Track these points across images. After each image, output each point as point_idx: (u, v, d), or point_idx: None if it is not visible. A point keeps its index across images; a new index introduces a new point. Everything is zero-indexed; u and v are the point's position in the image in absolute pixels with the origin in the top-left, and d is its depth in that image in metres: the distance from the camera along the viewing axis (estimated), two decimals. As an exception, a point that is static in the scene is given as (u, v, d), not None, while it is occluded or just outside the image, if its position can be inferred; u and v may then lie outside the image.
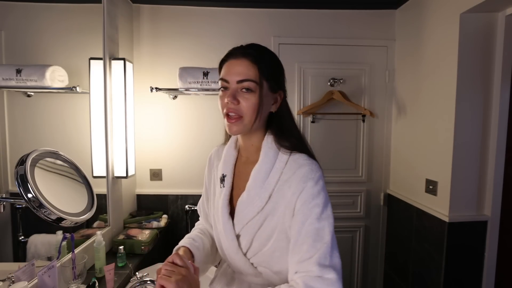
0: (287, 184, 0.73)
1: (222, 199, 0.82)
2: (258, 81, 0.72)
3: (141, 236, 1.63)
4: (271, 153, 0.77)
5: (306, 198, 0.70)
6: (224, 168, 0.85)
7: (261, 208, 0.75)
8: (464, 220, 1.56)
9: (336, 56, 2.08)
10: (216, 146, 0.96)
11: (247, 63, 0.72)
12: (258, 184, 0.76)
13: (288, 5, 2.01)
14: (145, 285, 1.24)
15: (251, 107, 0.73)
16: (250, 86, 0.72)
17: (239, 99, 0.73)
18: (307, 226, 0.69)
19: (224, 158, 0.86)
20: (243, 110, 0.73)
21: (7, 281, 0.98)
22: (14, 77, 1.10)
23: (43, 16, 1.24)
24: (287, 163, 0.75)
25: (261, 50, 0.76)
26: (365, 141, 2.14)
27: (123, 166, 1.70)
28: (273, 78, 0.76)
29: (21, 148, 1.08)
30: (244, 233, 0.77)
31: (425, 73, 1.77)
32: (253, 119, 0.74)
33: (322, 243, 0.67)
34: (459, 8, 1.48)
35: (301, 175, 0.72)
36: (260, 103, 0.73)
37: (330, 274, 0.65)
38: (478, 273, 1.59)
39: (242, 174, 0.83)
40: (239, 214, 0.78)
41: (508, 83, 1.50)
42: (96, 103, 1.55)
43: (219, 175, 0.85)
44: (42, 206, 1.02)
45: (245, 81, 0.72)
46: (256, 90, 0.72)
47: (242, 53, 0.74)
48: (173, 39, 2.00)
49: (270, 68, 0.75)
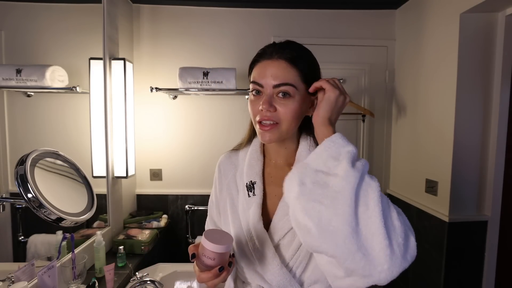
0: None
1: (253, 208, 0.71)
2: (297, 85, 0.64)
3: (141, 236, 1.63)
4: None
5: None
6: (251, 175, 0.75)
7: None
8: (464, 220, 1.56)
9: (336, 56, 2.07)
10: (224, 153, 0.85)
11: (285, 64, 0.64)
12: None
13: (288, 5, 2.00)
14: (145, 285, 1.25)
15: (290, 113, 0.64)
16: (288, 91, 0.64)
17: (276, 105, 0.64)
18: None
19: (249, 163, 0.76)
20: (280, 117, 0.65)
21: (7, 281, 0.97)
22: (14, 77, 1.10)
23: (43, 16, 1.24)
24: None
25: (299, 49, 0.68)
26: (365, 141, 2.14)
27: (123, 166, 1.70)
28: (312, 80, 0.67)
29: (21, 148, 1.08)
30: (285, 241, 0.69)
31: (425, 73, 1.77)
32: (291, 127, 0.67)
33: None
34: (459, 8, 1.48)
35: None
36: (299, 109, 0.65)
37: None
38: (478, 273, 1.59)
39: (276, 179, 0.74)
40: (280, 222, 0.69)
41: (508, 83, 1.50)
42: (96, 103, 1.55)
43: (245, 183, 0.75)
44: (42, 206, 1.02)
45: (282, 85, 0.63)
46: (295, 95, 0.64)
47: (278, 53, 0.65)
48: (173, 39, 2.00)
49: (308, 69, 0.66)
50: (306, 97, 0.67)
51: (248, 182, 0.74)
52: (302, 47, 0.70)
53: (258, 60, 0.68)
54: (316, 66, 0.70)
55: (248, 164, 0.76)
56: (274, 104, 0.64)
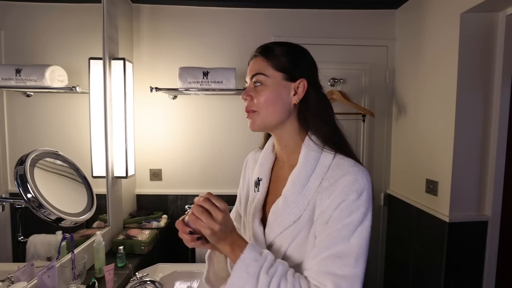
0: (327, 192, 0.65)
1: (255, 204, 0.76)
2: (267, 73, 0.70)
3: (141, 236, 1.63)
4: (311, 156, 0.70)
5: (343, 212, 0.62)
6: (260, 172, 0.79)
7: (298, 217, 0.67)
8: (464, 220, 1.56)
9: (336, 56, 2.07)
10: (253, 150, 0.91)
11: (259, 59, 0.72)
12: (297, 190, 0.68)
13: (288, 5, 2.00)
14: (145, 285, 1.24)
15: (263, 100, 0.69)
16: (259, 79, 0.70)
17: (252, 94, 0.71)
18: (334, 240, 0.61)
19: (261, 161, 0.81)
20: (257, 104, 0.70)
21: (7, 281, 0.97)
22: (14, 77, 1.09)
23: (42, 16, 1.24)
24: (330, 168, 0.68)
25: (274, 45, 0.73)
26: (365, 141, 2.14)
27: (123, 166, 1.69)
28: (288, 67, 0.70)
29: (20, 148, 1.08)
30: (275, 245, 0.70)
31: (425, 73, 1.76)
32: (268, 113, 0.70)
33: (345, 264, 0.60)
34: (459, 8, 1.48)
35: (343, 184, 0.63)
36: (272, 96, 0.69)
37: None
38: (478, 273, 1.59)
39: (279, 179, 0.77)
40: (273, 223, 0.70)
41: (508, 83, 1.50)
42: (96, 103, 1.55)
43: (254, 179, 0.80)
44: (41, 206, 1.02)
45: (254, 75, 0.71)
46: (266, 82, 0.70)
47: (256, 53, 0.73)
48: (173, 39, 2.00)
49: (282, 58, 0.70)
50: (282, 84, 0.70)
51: (256, 178, 0.79)
52: (280, 43, 0.74)
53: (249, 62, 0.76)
54: (293, 54, 0.72)
55: (260, 162, 0.81)
56: (250, 93, 0.71)
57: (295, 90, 0.71)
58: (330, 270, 0.60)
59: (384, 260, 2.22)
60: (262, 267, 0.60)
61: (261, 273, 0.60)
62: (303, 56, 0.74)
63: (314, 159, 0.69)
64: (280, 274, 0.60)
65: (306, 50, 0.75)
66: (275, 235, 0.70)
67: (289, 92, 0.71)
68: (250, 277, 0.59)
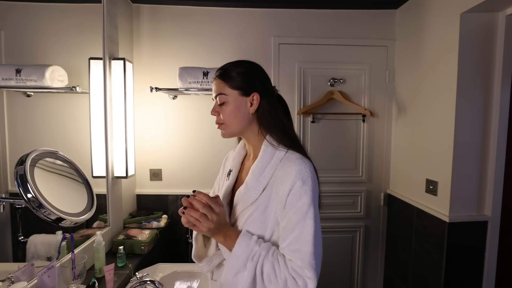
0: (280, 180, 0.81)
1: (224, 189, 0.94)
2: (225, 93, 0.86)
3: (141, 236, 1.63)
4: (268, 151, 0.86)
5: (294, 197, 0.78)
6: (232, 164, 0.98)
7: (255, 199, 0.83)
8: (464, 220, 1.56)
9: (336, 56, 2.07)
10: (232, 149, 1.06)
11: (217, 81, 0.88)
12: (255, 177, 0.84)
13: (288, 5, 2.00)
14: (145, 285, 1.24)
15: (226, 115, 0.87)
16: (221, 99, 0.86)
17: (218, 110, 0.88)
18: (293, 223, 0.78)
19: (234, 156, 0.99)
20: (223, 118, 0.87)
21: (7, 281, 0.97)
22: (14, 77, 1.09)
23: (42, 16, 1.24)
24: (282, 161, 0.84)
25: (230, 67, 0.88)
26: (365, 141, 2.14)
27: (123, 166, 1.69)
28: (241, 85, 0.86)
29: (20, 148, 1.08)
30: (237, 221, 0.87)
31: (425, 73, 1.77)
32: (233, 124, 0.87)
33: (307, 240, 0.76)
34: (459, 8, 1.48)
35: (292, 174, 0.79)
36: (233, 110, 0.86)
37: (309, 270, 0.75)
38: (478, 273, 1.59)
39: (245, 169, 0.94)
40: (238, 204, 0.87)
41: (508, 83, 1.50)
42: (96, 103, 1.55)
43: (227, 171, 0.98)
44: (41, 206, 1.02)
45: (217, 95, 0.87)
46: (227, 100, 0.86)
47: (216, 74, 0.89)
48: (173, 39, 2.00)
49: (236, 78, 0.86)
50: (239, 99, 0.86)
51: (228, 170, 0.98)
52: (233, 64, 0.89)
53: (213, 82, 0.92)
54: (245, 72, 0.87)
55: (233, 157, 0.99)
56: (216, 110, 0.88)
57: (251, 102, 0.87)
58: (297, 248, 0.76)
59: (384, 260, 2.22)
60: (249, 256, 0.77)
61: (248, 261, 0.77)
62: (254, 73, 0.89)
63: (270, 154, 0.85)
64: (262, 257, 0.77)
65: (257, 66, 0.91)
66: (238, 213, 0.87)
67: (246, 104, 0.87)
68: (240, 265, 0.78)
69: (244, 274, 0.78)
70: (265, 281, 0.77)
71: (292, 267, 0.76)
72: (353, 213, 2.17)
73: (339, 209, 2.14)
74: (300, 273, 0.75)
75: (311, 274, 0.74)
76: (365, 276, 2.24)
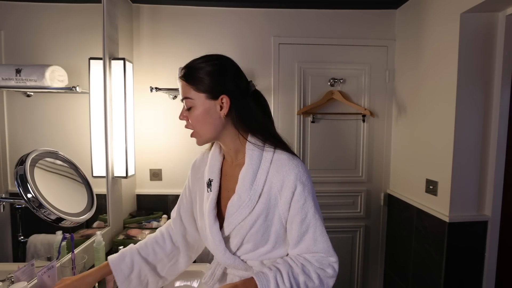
0: (277, 187, 0.78)
1: (209, 203, 0.84)
2: (191, 97, 0.77)
3: (141, 236, 1.63)
4: (255, 154, 0.80)
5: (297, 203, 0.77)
6: (210, 173, 0.87)
7: (252, 209, 0.78)
8: (464, 220, 1.56)
9: (336, 56, 2.07)
10: (200, 153, 0.98)
11: (183, 83, 0.79)
12: (247, 186, 0.79)
13: (288, 5, 2.00)
14: (145, 285, 1.24)
15: (195, 120, 0.79)
16: (188, 103, 0.78)
17: (186, 115, 0.80)
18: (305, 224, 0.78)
19: (210, 163, 0.89)
20: (192, 124, 0.80)
21: (7, 281, 0.97)
22: (14, 77, 1.09)
23: (42, 16, 1.24)
24: (272, 162, 0.79)
25: (194, 66, 0.78)
26: (365, 141, 2.14)
27: (123, 166, 1.69)
28: (208, 87, 0.77)
29: (20, 148, 1.08)
30: (234, 234, 0.82)
31: (425, 73, 1.76)
32: (204, 130, 0.79)
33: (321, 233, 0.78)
34: (459, 8, 1.48)
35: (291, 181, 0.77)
36: (201, 115, 0.78)
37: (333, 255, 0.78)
38: (478, 273, 1.59)
39: (229, 177, 0.86)
40: (230, 217, 0.81)
41: (508, 83, 1.50)
42: (96, 103, 1.55)
43: (206, 180, 0.88)
44: (41, 206, 1.02)
45: (183, 99, 0.79)
46: (194, 105, 0.78)
47: (180, 76, 0.80)
48: (173, 39, 2.00)
49: (201, 80, 0.77)
50: (206, 103, 0.77)
51: (207, 179, 0.87)
52: (198, 63, 0.79)
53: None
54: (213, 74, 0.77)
55: (209, 164, 0.89)
56: (185, 114, 0.80)
57: (220, 105, 0.78)
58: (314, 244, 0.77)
59: (384, 260, 2.22)
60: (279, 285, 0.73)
61: None
62: (222, 72, 0.79)
63: (257, 157, 0.80)
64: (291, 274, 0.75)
65: (227, 63, 0.81)
66: (233, 226, 0.81)
67: (215, 108, 0.78)
68: None
69: None
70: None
71: (318, 260, 0.77)
72: (353, 213, 2.17)
73: (339, 209, 2.14)
74: (325, 262, 0.78)
75: (334, 258, 0.78)
76: (365, 276, 2.24)
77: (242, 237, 0.80)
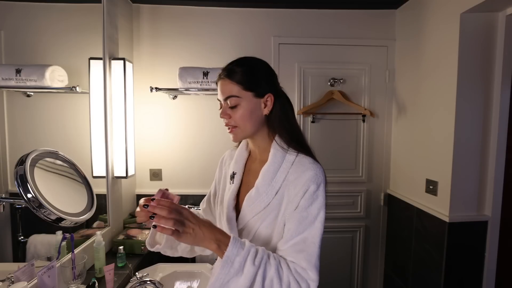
0: (293, 184, 0.80)
1: (229, 194, 0.89)
2: (239, 95, 0.81)
3: (141, 236, 1.63)
4: (278, 154, 0.84)
5: (307, 201, 0.78)
6: (235, 167, 0.93)
7: (267, 204, 0.81)
8: (464, 220, 1.56)
9: (336, 56, 2.07)
10: (229, 149, 1.04)
11: (229, 81, 0.82)
12: (267, 182, 0.82)
13: (288, 5, 2.00)
14: (145, 285, 1.25)
15: (240, 118, 0.82)
16: (234, 101, 0.81)
17: (229, 113, 0.83)
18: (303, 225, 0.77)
19: (236, 158, 0.95)
20: (235, 121, 0.83)
21: (7, 281, 0.97)
22: (14, 77, 1.09)
23: (42, 16, 1.24)
24: (293, 164, 0.82)
25: (241, 66, 0.83)
26: (365, 141, 2.14)
27: (123, 166, 1.69)
28: (256, 86, 0.82)
29: (20, 148, 1.08)
30: (247, 227, 0.84)
31: (425, 73, 1.77)
32: (247, 127, 0.83)
33: (313, 243, 0.75)
34: (459, 8, 1.48)
35: (306, 178, 0.78)
36: (247, 113, 0.82)
37: (313, 272, 0.73)
38: (478, 273, 1.59)
39: (252, 172, 0.90)
40: (246, 209, 0.84)
41: (508, 83, 1.50)
42: (96, 103, 1.55)
43: (230, 173, 0.93)
44: (41, 206, 1.02)
45: (228, 97, 0.82)
46: (240, 103, 0.81)
47: (224, 73, 0.83)
48: (173, 39, 2.00)
49: (250, 79, 0.82)
50: (253, 101, 0.82)
51: (231, 172, 0.93)
52: (244, 63, 0.84)
53: (217, 82, 0.87)
54: (259, 73, 0.84)
55: (235, 158, 0.95)
56: (227, 112, 0.83)
57: (265, 103, 0.84)
58: (302, 249, 0.75)
59: (384, 260, 2.22)
60: (247, 259, 0.70)
61: (247, 264, 0.70)
62: (267, 72, 0.87)
63: (281, 157, 0.84)
64: (265, 261, 0.72)
65: (266, 64, 0.88)
66: (248, 219, 0.83)
67: (260, 106, 0.84)
68: (236, 271, 0.70)
69: (239, 280, 0.70)
70: (266, 286, 0.71)
71: (296, 270, 0.73)
72: (353, 213, 2.17)
73: (339, 209, 2.14)
74: (304, 276, 0.73)
75: (315, 276, 0.73)
76: (365, 276, 2.24)
77: (255, 230, 0.83)
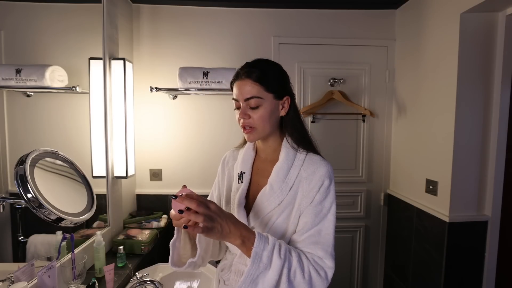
0: (307, 180, 0.84)
1: (239, 193, 0.90)
2: (261, 96, 0.82)
3: (141, 236, 1.63)
4: (290, 153, 0.87)
5: (322, 195, 0.82)
6: (242, 166, 0.93)
7: (281, 201, 0.84)
8: (464, 220, 1.56)
9: (336, 56, 2.07)
10: (230, 149, 1.04)
11: (251, 82, 0.82)
12: (281, 179, 0.85)
13: (288, 5, 2.00)
14: (145, 285, 1.25)
15: (260, 119, 0.83)
16: (255, 102, 0.82)
17: (249, 113, 0.84)
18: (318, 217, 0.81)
19: (243, 158, 0.95)
20: (255, 122, 0.84)
21: (7, 281, 0.97)
22: (14, 77, 1.09)
23: (42, 16, 1.24)
24: (305, 162, 0.86)
25: (262, 67, 0.84)
26: (365, 141, 2.14)
27: (123, 166, 1.69)
28: (276, 88, 0.84)
29: (20, 148, 1.08)
30: (258, 225, 0.85)
31: (425, 73, 1.77)
32: (265, 128, 0.85)
33: (328, 233, 0.80)
34: (459, 8, 1.48)
35: (320, 174, 0.83)
36: (267, 114, 0.84)
37: (330, 260, 0.78)
38: (478, 273, 1.59)
39: (261, 171, 0.92)
40: (259, 206, 0.86)
41: (508, 83, 1.50)
42: (96, 103, 1.55)
43: (237, 173, 0.94)
44: (41, 206, 1.02)
45: (250, 98, 0.82)
46: (262, 104, 0.83)
47: (245, 74, 0.83)
48: (173, 39, 2.00)
49: (272, 81, 0.83)
50: (273, 103, 0.85)
51: (239, 172, 0.93)
52: (266, 64, 0.86)
53: (234, 81, 0.87)
54: (279, 76, 0.87)
55: (242, 158, 0.95)
56: (247, 113, 0.84)
57: (282, 105, 0.87)
58: (317, 240, 0.79)
59: (384, 260, 2.22)
60: (273, 253, 0.73)
61: (274, 258, 0.72)
62: (285, 75, 0.89)
63: (292, 155, 0.87)
64: (288, 254, 0.75)
65: (280, 66, 0.90)
66: (261, 216, 0.85)
67: (278, 108, 0.87)
68: (264, 265, 0.72)
69: (267, 274, 0.72)
70: (291, 277, 0.74)
71: (313, 259, 0.77)
72: (353, 213, 2.17)
73: (339, 209, 2.10)
74: (321, 264, 0.77)
75: (331, 264, 0.78)
76: (365, 276, 2.24)
77: (269, 226, 0.84)
